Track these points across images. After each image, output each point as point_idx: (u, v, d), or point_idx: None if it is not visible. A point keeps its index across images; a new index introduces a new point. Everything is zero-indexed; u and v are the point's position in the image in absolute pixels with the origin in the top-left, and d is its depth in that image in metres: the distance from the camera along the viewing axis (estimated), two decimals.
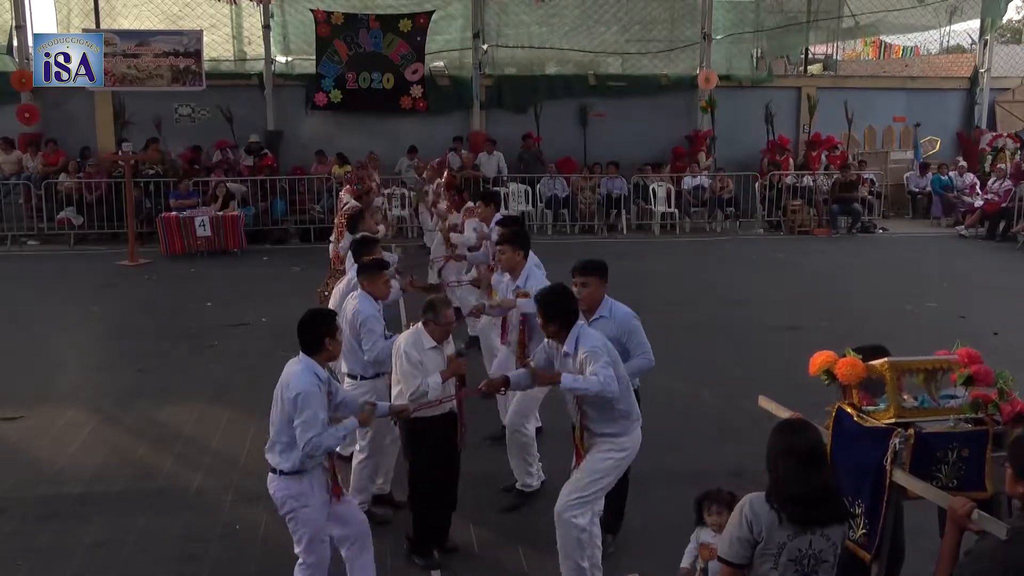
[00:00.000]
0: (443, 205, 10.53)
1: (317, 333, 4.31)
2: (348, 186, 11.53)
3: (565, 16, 19.28)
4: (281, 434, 4.25)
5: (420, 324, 4.97)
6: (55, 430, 7.07)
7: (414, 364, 4.85)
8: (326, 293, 7.55)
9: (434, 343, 4.92)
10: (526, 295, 5.55)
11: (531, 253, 6.26)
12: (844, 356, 3.83)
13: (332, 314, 4.60)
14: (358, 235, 6.92)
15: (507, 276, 6.24)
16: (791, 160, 17.87)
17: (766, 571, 3.17)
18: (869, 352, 3.89)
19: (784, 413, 4.11)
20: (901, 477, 3.52)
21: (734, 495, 3.93)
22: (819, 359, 3.89)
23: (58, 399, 7.77)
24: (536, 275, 6.05)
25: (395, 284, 6.18)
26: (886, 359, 3.78)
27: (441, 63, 18.85)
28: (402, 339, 5.01)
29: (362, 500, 5.45)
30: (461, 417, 5.03)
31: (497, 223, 7.26)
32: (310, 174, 16.28)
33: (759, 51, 20.57)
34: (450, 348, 5.05)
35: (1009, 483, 2.97)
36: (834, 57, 23.32)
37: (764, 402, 4.35)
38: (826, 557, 3.17)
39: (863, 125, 19.05)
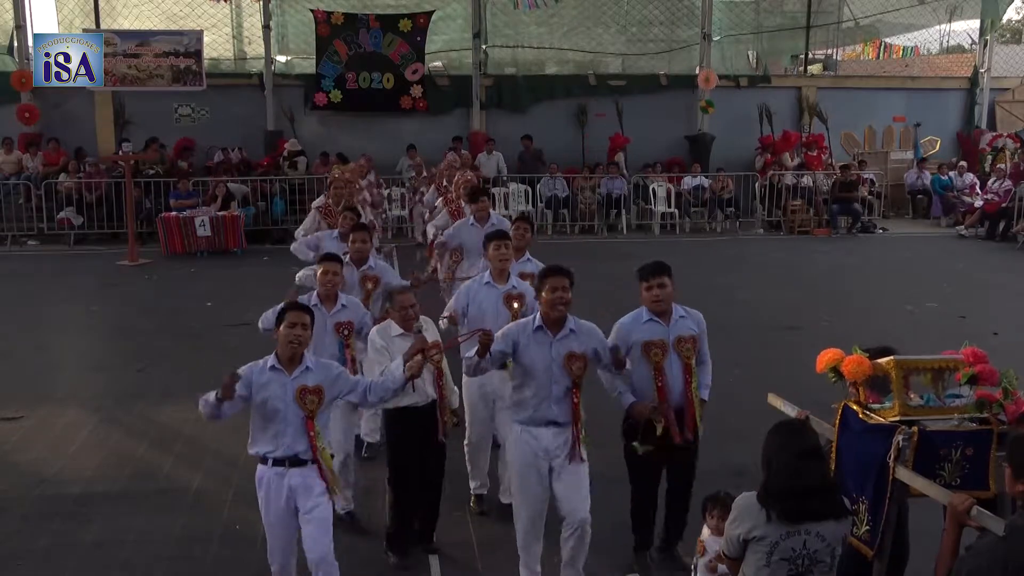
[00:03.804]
0: (438, 205, 10.49)
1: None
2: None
3: (564, 16, 19.30)
4: None
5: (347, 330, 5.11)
6: (55, 430, 7.06)
7: (378, 350, 4.85)
8: None
9: (400, 331, 4.91)
10: None
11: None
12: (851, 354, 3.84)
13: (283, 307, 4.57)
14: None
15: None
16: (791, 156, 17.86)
17: (759, 568, 3.19)
18: (877, 353, 3.90)
19: (792, 411, 4.12)
20: (904, 474, 3.52)
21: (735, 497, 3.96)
22: (826, 357, 3.90)
23: (58, 399, 7.76)
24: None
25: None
26: (892, 357, 3.79)
27: (440, 63, 18.86)
28: (372, 332, 5.05)
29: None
30: (441, 409, 4.96)
31: (513, 222, 7.24)
32: (311, 174, 16.28)
33: (755, 53, 20.58)
34: (430, 335, 5.00)
35: (1008, 482, 2.98)
36: (834, 57, 23.31)
37: (773, 399, 4.36)
38: (822, 558, 3.18)
39: (863, 125, 19.04)
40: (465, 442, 5.78)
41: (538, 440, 4.53)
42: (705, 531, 4.24)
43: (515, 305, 5.18)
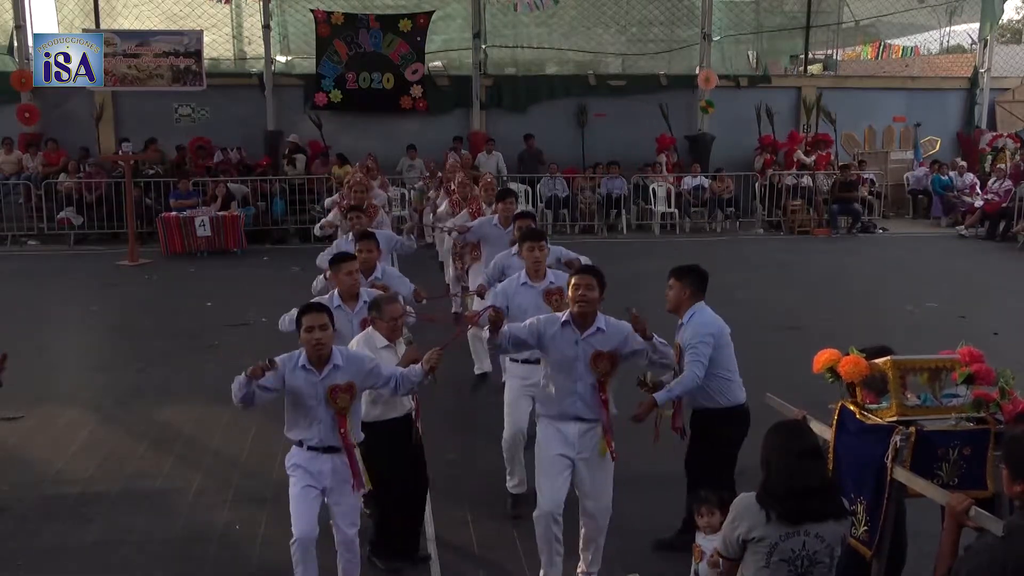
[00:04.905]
0: (444, 207, 10.50)
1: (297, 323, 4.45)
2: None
3: (564, 17, 19.30)
4: None
5: (370, 325, 5.02)
6: (55, 430, 7.07)
7: None
8: None
9: (386, 342, 4.90)
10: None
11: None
12: (848, 354, 3.84)
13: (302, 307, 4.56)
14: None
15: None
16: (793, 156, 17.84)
17: (757, 570, 3.18)
18: (874, 352, 3.90)
19: (790, 411, 4.13)
20: (902, 474, 3.53)
21: (723, 496, 3.96)
22: (823, 357, 3.90)
23: (58, 399, 7.77)
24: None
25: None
26: (889, 357, 3.79)
27: (440, 63, 18.86)
28: (354, 342, 4.99)
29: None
30: (417, 414, 4.94)
31: (514, 218, 7.27)
32: (310, 173, 16.29)
33: (755, 53, 20.59)
34: (402, 347, 4.99)
35: (1006, 482, 2.98)
36: (834, 57, 23.31)
37: (771, 400, 4.36)
38: (821, 559, 3.17)
39: (863, 125, 19.05)
40: (503, 438, 5.77)
41: (565, 435, 4.57)
42: (698, 535, 4.23)
43: (556, 300, 5.24)
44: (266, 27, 17.43)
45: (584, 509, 4.66)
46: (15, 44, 16.74)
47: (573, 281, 4.57)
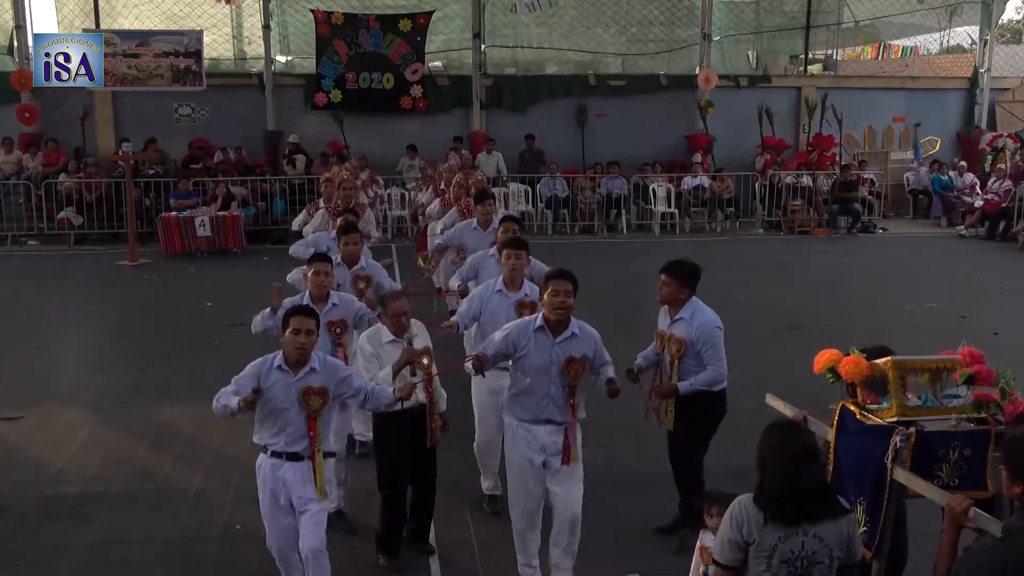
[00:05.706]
0: (434, 205, 10.49)
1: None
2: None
3: (564, 16, 19.31)
4: None
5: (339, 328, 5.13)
6: (55, 430, 7.07)
7: (368, 358, 4.84)
8: None
9: (392, 336, 4.90)
10: None
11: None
12: (848, 354, 3.84)
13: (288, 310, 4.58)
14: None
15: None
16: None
17: (759, 573, 3.17)
18: (875, 353, 3.90)
19: (791, 411, 4.12)
20: (902, 475, 3.52)
21: (735, 496, 3.93)
22: (823, 357, 3.90)
23: (58, 399, 7.77)
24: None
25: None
26: (889, 357, 3.79)
27: (440, 63, 18.87)
28: (362, 337, 5.04)
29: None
30: (430, 415, 4.92)
31: (500, 221, 7.25)
32: (310, 173, 16.29)
33: (755, 53, 20.59)
34: (421, 340, 4.98)
35: (1005, 483, 2.98)
36: (834, 57, 23.31)
37: (771, 400, 4.36)
38: (820, 559, 3.16)
39: (863, 125, 19.05)
40: (475, 443, 5.76)
41: (535, 437, 4.59)
42: (707, 536, 4.18)
43: (527, 314, 5.20)
44: (266, 27, 17.43)
45: (555, 516, 4.64)
46: (15, 44, 16.74)
47: (551, 287, 4.52)
